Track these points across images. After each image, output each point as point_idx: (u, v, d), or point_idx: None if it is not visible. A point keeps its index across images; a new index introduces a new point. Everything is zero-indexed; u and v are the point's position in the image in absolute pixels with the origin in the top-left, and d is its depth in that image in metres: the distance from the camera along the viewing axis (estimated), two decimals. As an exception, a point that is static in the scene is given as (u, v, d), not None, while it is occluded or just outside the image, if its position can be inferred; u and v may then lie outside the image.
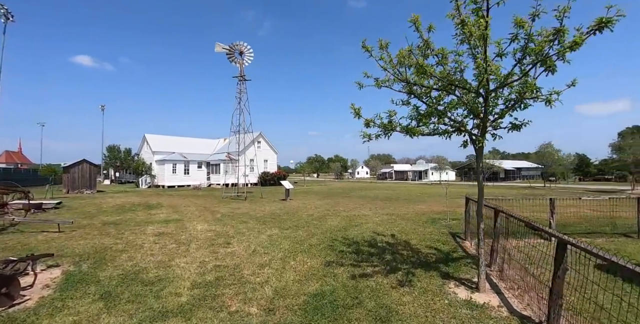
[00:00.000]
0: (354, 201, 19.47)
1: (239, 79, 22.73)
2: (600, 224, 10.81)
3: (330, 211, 14.19)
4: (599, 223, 10.87)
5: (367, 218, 12.15)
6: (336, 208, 15.39)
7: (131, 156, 55.56)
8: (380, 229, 9.94)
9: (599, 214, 11.76)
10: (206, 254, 7.10)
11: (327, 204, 17.18)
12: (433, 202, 18.40)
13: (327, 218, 12.13)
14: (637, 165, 29.89)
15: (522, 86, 4.52)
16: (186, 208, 15.72)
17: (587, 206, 15.48)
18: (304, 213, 13.59)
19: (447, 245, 7.99)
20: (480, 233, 5.18)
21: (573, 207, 15.04)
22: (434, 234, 9.28)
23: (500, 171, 56.17)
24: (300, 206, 16.61)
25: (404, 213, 13.58)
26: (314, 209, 14.91)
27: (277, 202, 18.46)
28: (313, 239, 8.42)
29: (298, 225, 10.63)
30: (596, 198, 10.02)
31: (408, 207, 16.01)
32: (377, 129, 5.21)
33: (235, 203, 18.28)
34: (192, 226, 10.56)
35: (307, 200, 20.05)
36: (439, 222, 11.42)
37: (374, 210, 14.68)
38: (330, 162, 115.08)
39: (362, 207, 15.98)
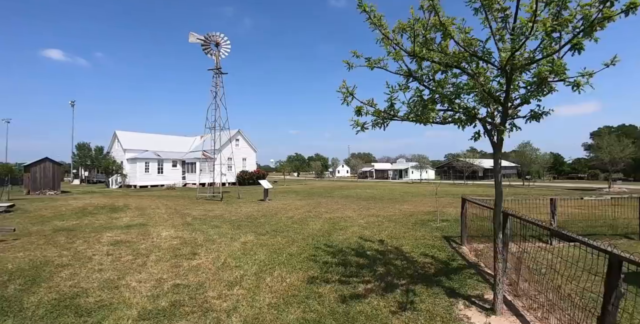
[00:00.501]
0: (336, 201, 18.56)
1: (215, 72, 21.39)
2: (595, 225, 10.27)
3: (312, 213, 13.19)
4: (594, 224, 10.32)
5: (351, 221, 11.23)
6: (318, 209, 14.41)
7: (102, 155, 52.91)
8: (367, 233, 9.01)
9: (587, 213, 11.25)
10: (166, 268, 5.97)
11: (308, 205, 16.18)
12: (418, 202, 17.71)
13: (308, 221, 11.12)
14: (613, 164, 30.32)
15: (550, 64, 3.67)
16: (154, 211, 14.38)
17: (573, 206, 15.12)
18: (284, 215, 12.54)
19: (444, 252, 7.15)
20: (499, 246, 4.29)
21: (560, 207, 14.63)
22: (426, 238, 8.44)
23: (479, 169, 56.66)
24: (279, 207, 15.53)
25: (390, 214, 12.74)
26: (294, 211, 13.87)
27: (255, 203, 17.31)
28: (293, 247, 7.40)
29: (276, 230, 9.58)
30: (598, 198, 9.43)
31: (393, 207, 15.21)
32: (372, 117, 4.26)
33: (210, 204, 17.02)
34: (156, 232, 9.34)
35: (287, 200, 18.98)
36: (429, 224, 10.63)
37: (358, 211, 13.78)
38: (310, 161, 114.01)
39: (345, 208, 15.06)
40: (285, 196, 22.03)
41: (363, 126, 4.23)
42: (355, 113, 4.30)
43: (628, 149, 30.02)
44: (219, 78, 21.41)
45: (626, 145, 30.26)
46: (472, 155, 50.39)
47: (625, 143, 30.42)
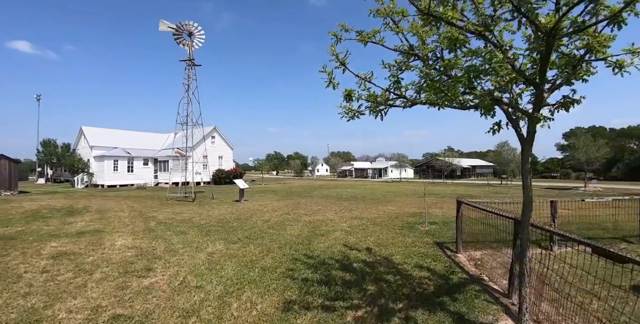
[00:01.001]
0: (316, 201, 17.61)
1: (187, 64, 19.97)
2: (591, 227, 9.75)
3: (290, 215, 12.19)
4: (590, 226, 9.81)
5: (333, 224, 10.30)
6: (297, 211, 13.42)
7: (70, 152, 49.94)
8: (351, 240, 8.10)
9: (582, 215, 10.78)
10: (109, 291, 4.84)
11: (286, 206, 15.15)
12: (401, 203, 16.99)
13: (286, 225, 10.12)
14: (589, 163, 30.75)
15: (590, 38, 2.85)
16: (116, 214, 13.00)
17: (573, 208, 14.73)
18: (259, 219, 11.48)
19: (439, 262, 6.32)
20: (526, 267, 3.42)
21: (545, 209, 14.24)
22: (417, 245, 7.61)
23: (457, 169, 57.09)
24: (255, 208, 14.44)
25: (374, 216, 11.90)
26: (271, 213, 12.82)
27: (229, 205, 16.13)
28: (267, 259, 6.38)
29: (250, 236, 8.53)
30: (600, 200, 8.87)
31: (377, 208, 14.40)
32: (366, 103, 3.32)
33: (180, 206, 15.72)
34: (110, 241, 8.11)
35: (264, 201, 17.88)
36: (417, 227, 9.85)
37: (340, 213, 12.87)
38: (290, 159, 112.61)
39: (326, 209, 14.13)
40: (262, 196, 20.91)
41: (356, 113, 3.28)
42: (345, 98, 3.35)
43: (603, 149, 30.49)
44: (192, 70, 20.02)
45: (601, 145, 30.73)
46: (451, 154, 50.56)
47: (600, 143, 30.90)
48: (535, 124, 3.06)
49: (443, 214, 12.56)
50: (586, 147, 30.49)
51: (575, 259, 3.99)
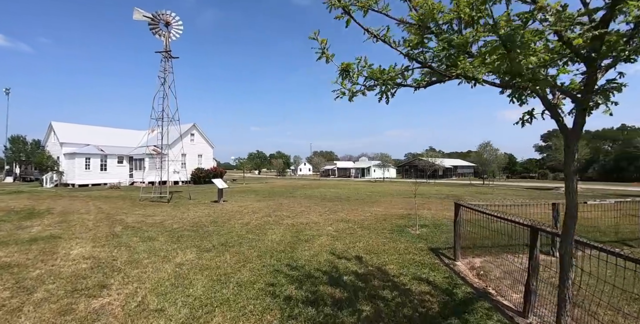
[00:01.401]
0: (299, 202, 16.83)
1: (164, 56, 18.81)
2: (587, 230, 9.37)
3: (272, 218, 11.37)
4: (588, 229, 9.42)
5: (318, 228, 9.55)
6: (279, 213, 12.60)
7: (40, 149, 47.38)
8: (339, 246, 7.36)
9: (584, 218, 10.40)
10: (47, 318, 3.94)
11: (267, 208, 14.31)
12: (388, 203, 16.41)
13: (267, 229, 9.30)
14: (570, 163, 31.03)
15: None
16: (81, 217, 11.88)
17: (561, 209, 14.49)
18: (238, 222, 10.61)
19: (438, 272, 5.66)
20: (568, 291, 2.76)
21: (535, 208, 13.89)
22: (411, 251, 6.95)
23: (439, 168, 57.36)
24: (234, 210, 13.53)
25: (361, 219, 11.22)
26: (251, 216, 11.97)
27: (206, 206, 15.15)
28: (244, 271, 5.57)
29: (226, 242, 7.68)
30: (602, 202, 8.44)
31: (363, 210, 13.73)
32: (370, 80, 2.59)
33: (153, 207, 14.64)
34: (66, 250, 7.12)
35: (244, 202, 16.97)
36: (407, 230, 9.21)
37: (325, 215, 12.14)
38: (272, 158, 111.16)
39: (309, 210, 13.37)
40: (243, 197, 19.96)
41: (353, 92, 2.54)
42: (340, 74, 2.61)
43: (583, 150, 30.87)
44: (168, 62, 18.87)
45: (582, 146, 31.10)
46: (434, 154, 50.68)
47: (580, 144, 31.27)
48: (585, 112, 2.39)
49: (432, 216, 12.00)
50: (567, 148, 30.76)
51: (584, 264, 3.40)
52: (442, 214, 12.46)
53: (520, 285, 5.05)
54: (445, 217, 11.74)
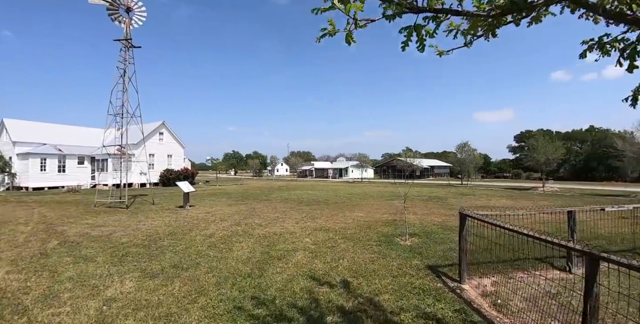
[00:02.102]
0: (274, 206, 15.44)
1: (124, 45, 16.95)
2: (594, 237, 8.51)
3: (241, 227, 9.96)
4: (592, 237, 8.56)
5: (294, 240, 8.23)
6: (250, 220, 11.20)
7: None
8: (319, 266, 6.07)
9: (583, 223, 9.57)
10: None
11: (238, 214, 12.85)
12: (369, 207, 15.27)
13: (233, 243, 7.90)
14: (548, 164, 31.11)
15: None
16: (15, 228, 10.09)
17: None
18: (200, 233, 9.15)
19: (445, 303, 4.47)
20: None
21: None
22: (406, 271, 5.75)
23: (417, 169, 57.20)
24: (200, 217, 12.01)
25: (342, 227, 9.99)
26: (218, 224, 10.51)
27: (169, 212, 13.52)
28: (194, 311, 4.18)
29: (180, 263, 6.24)
30: (620, 209, 7.53)
31: (344, 215, 12.52)
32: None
33: (107, 215, 12.89)
34: (-35, 276, 5.50)
35: (213, 206, 15.41)
36: (396, 241, 8.06)
37: (301, 222, 10.83)
38: (248, 158, 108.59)
39: (285, 217, 12.03)
40: (213, 200, 18.35)
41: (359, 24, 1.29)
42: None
43: (560, 151, 30.96)
44: (128, 52, 17.02)
45: (558, 146, 31.21)
46: (412, 155, 50.33)
47: (557, 144, 31.39)
48: None
49: (420, 222, 10.93)
50: (544, 148, 30.81)
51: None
52: (429, 220, 11.41)
53: (555, 322, 3.94)
54: (434, 223, 10.69)
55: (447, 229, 9.69)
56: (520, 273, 5.95)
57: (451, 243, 7.85)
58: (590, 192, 27.94)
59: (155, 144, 34.20)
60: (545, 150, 30.68)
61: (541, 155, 30.53)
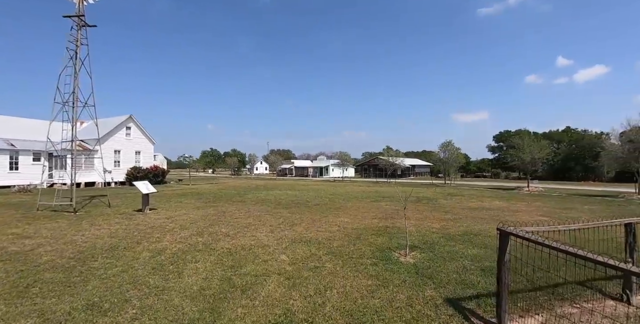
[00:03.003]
0: (248, 209, 13.62)
1: (76, 22, 14.66)
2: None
3: (203, 238, 8.14)
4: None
5: (267, 257, 6.49)
6: (216, 228, 9.38)
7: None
8: (297, 305, 4.34)
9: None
10: None
11: (204, 219, 10.99)
12: (355, 210, 13.68)
13: (186, 263, 6.09)
14: (533, 164, 30.47)
15: None
16: None
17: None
18: (150, 247, 7.27)
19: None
20: None
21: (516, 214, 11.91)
22: (421, 311, 4.14)
23: (398, 168, 56.29)
24: (157, 224, 10.08)
25: (327, 237, 8.32)
26: (175, 234, 8.63)
27: (122, 218, 11.50)
28: None
29: (100, 302, 4.39)
30: None
31: (327, 220, 10.87)
32: None
33: (46, 221, 10.76)
34: None
35: (178, 210, 13.45)
36: (395, 258, 6.48)
37: (277, 231, 9.10)
38: (226, 156, 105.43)
39: (259, 223, 10.27)
40: (180, 202, 16.34)
41: None
42: None
43: (545, 150, 30.38)
44: (81, 31, 14.75)
45: (543, 146, 30.63)
46: (395, 154, 49.26)
47: (542, 144, 30.81)
48: None
49: (417, 229, 9.40)
50: (530, 148, 30.15)
51: None
52: (426, 226, 9.91)
53: None
54: (433, 231, 9.19)
55: (451, 239, 8.19)
56: (568, 306, 4.46)
57: (463, 260, 6.33)
58: (575, 193, 27.38)
59: (122, 139, 31.57)
60: (531, 149, 30.01)
61: (527, 154, 29.84)
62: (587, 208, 15.76)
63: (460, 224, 10.41)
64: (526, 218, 11.94)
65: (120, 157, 31.22)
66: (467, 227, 9.86)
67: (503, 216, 12.37)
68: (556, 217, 12.48)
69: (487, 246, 7.59)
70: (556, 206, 16.15)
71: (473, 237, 8.44)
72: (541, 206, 16.35)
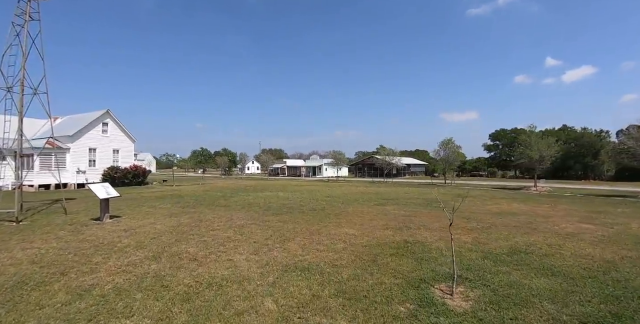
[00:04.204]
0: (229, 218, 11.31)
1: (21, -5, 12.20)
2: None
3: (159, 263, 5.84)
4: None
5: (243, 305, 4.21)
6: (181, 246, 7.08)
7: None
8: None
9: None
10: None
11: (172, 232, 8.68)
12: (359, 217, 11.45)
13: (114, 316, 3.80)
14: (541, 162, 28.62)
15: None
16: None
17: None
18: (73, 283, 4.95)
19: None
20: None
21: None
22: None
23: (398, 167, 54.35)
24: (106, 240, 7.74)
25: (331, 260, 6.08)
26: (123, 258, 6.30)
27: (71, 229, 9.12)
28: None
29: None
30: None
31: (327, 232, 8.63)
32: None
33: (-35, 235, 8.34)
34: None
35: (145, 218, 11.09)
36: (437, 299, 4.29)
37: (263, 251, 6.82)
38: (216, 156, 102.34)
39: (240, 238, 7.98)
40: (154, 207, 13.95)
41: None
42: None
43: (553, 147, 28.55)
44: (30, 4, 12.28)
45: (551, 143, 28.78)
46: (391, 152, 47.18)
47: (550, 141, 28.96)
48: None
49: (446, 245, 7.20)
50: (538, 145, 28.28)
51: None
52: (460, 240, 7.72)
53: None
54: (467, 247, 7.04)
55: (499, 262, 6.04)
56: None
57: (541, 302, 4.20)
58: (587, 192, 25.58)
59: (98, 136, 28.91)
60: (539, 146, 28.14)
61: (535, 152, 27.95)
62: (620, 211, 13.80)
63: (497, 236, 8.26)
64: (567, 226, 9.86)
65: (96, 156, 28.57)
66: (508, 241, 7.71)
67: (537, 224, 10.27)
68: (599, 224, 10.44)
69: (556, 271, 5.45)
70: (586, 210, 14.14)
71: (527, 258, 6.29)
72: (568, 209, 14.32)
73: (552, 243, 7.64)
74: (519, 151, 30.95)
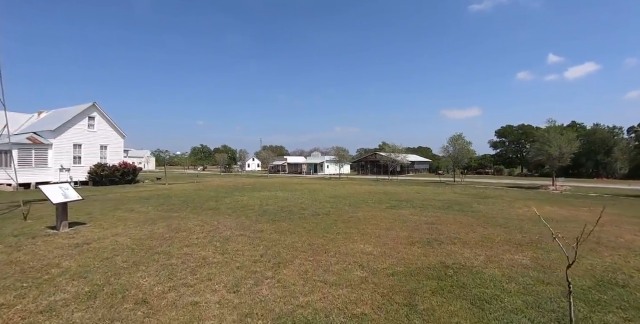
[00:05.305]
0: (215, 224, 9.36)
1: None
2: None
3: (91, 312, 3.87)
4: None
5: None
6: (136, 275, 5.11)
7: None
8: None
9: None
10: None
11: (134, 248, 6.71)
12: (374, 225, 9.46)
13: None
14: (561, 159, 26.58)
15: None
16: None
17: None
18: None
19: None
20: None
21: None
22: None
23: (404, 164, 52.36)
24: (44, 262, 5.77)
25: (346, 304, 4.12)
26: (45, 294, 4.33)
27: (12, 242, 7.17)
28: None
29: None
30: None
31: (338, 251, 6.65)
32: None
33: None
34: None
35: (113, 226, 9.13)
36: None
37: (246, 285, 4.85)
38: (216, 153, 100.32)
39: (219, 260, 6.00)
40: (130, 211, 11.99)
41: None
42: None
43: (574, 143, 26.49)
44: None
45: (572, 139, 26.71)
46: (396, 149, 45.12)
47: (570, 137, 26.89)
48: None
49: (501, 271, 5.20)
50: (557, 141, 26.22)
51: None
52: (515, 263, 5.72)
53: None
54: (529, 274, 5.01)
55: (593, 304, 4.06)
56: None
57: None
58: (611, 192, 23.54)
59: (83, 131, 26.91)
60: (559, 143, 26.09)
61: (555, 148, 25.88)
62: (672, 216, 11.81)
63: (558, 255, 6.25)
64: (635, 239, 7.87)
65: (82, 152, 26.60)
66: (580, 265, 5.68)
67: (595, 235, 8.22)
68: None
69: None
70: (633, 215, 12.13)
71: (629, 296, 4.31)
72: (610, 213, 12.29)
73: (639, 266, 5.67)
74: (536, 147, 28.86)
